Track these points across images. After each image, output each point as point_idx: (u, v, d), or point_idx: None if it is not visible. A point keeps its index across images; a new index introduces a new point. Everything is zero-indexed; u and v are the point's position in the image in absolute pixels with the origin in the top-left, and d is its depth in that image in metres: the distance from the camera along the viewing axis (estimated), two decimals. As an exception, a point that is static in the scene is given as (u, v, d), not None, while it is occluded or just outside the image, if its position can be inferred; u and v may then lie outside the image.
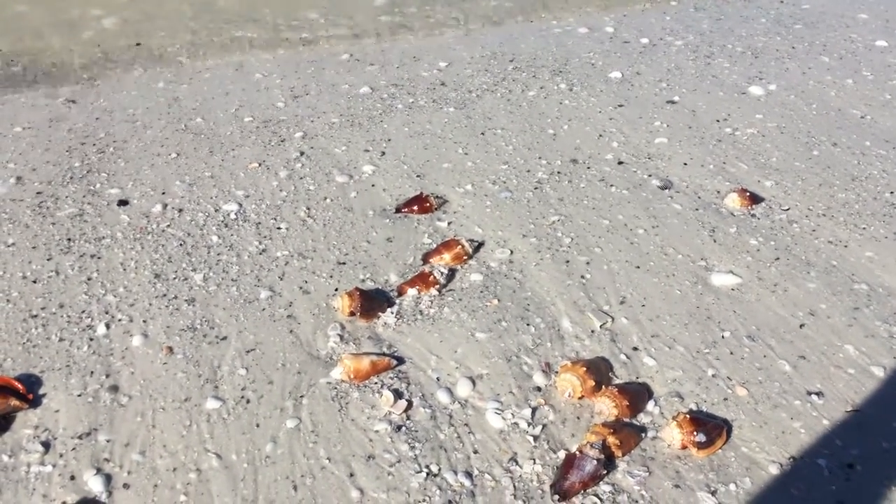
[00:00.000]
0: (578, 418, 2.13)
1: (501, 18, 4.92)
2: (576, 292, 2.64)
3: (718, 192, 3.25)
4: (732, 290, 2.66)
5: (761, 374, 2.28)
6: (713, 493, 1.90)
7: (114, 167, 3.39)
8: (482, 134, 3.71)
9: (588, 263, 2.79)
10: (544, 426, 2.10)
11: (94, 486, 1.89)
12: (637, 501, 1.88)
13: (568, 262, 2.80)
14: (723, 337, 2.43)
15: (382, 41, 4.61)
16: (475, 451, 2.02)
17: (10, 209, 3.08)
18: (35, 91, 4.08)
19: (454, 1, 5.16)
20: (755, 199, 3.18)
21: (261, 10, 5.00)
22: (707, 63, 4.34)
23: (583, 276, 2.72)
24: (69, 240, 2.89)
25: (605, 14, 4.93)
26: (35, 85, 4.15)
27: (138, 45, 4.57)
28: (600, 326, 2.48)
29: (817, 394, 2.22)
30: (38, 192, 3.20)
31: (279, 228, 2.99)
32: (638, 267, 2.78)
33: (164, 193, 3.20)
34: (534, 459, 1.99)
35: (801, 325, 2.49)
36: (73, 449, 2.00)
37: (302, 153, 3.53)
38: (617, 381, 2.26)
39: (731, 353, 2.36)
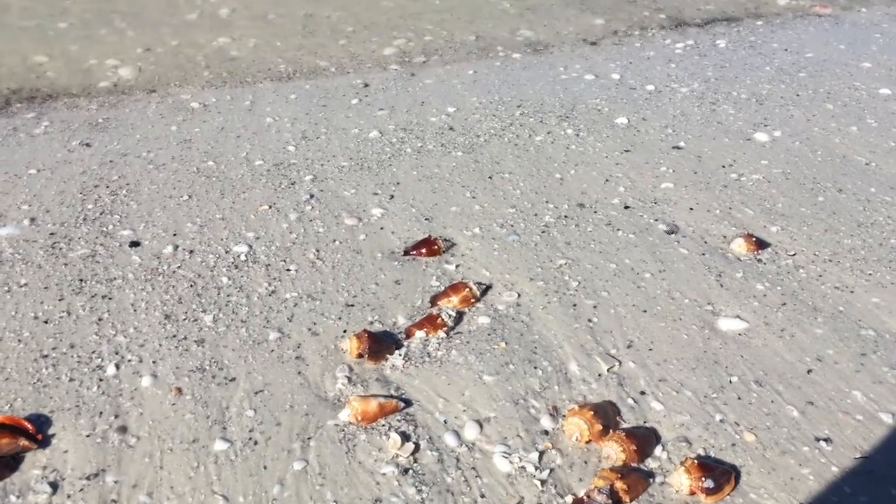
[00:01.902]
0: (586, 462, 2.13)
1: (508, 67, 5.01)
2: (583, 336, 2.65)
3: (725, 237, 3.28)
4: (740, 334, 2.67)
5: (769, 420, 2.28)
6: (722, 540, 1.89)
7: (126, 209, 3.44)
8: (490, 178, 3.76)
9: (595, 307, 2.81)
10: (552, 470, 2.09)
11: (101, 527, 1.89)
12: (645, 547, 1.87)
13: (575, 305, 2.82)
14: (730, 382, 2.43)
15: (392, 88, 4.69)
16: (482, 495, 2.01)
17: (24, 250, 3.12)
18: (51, 135, 4.15)
19: (462, 49, 5.25)
20: (761, 244, 3.20)
21: (273, 59, 5.10)
22: (712, 109, 4.39)
23: (590, 320, 2.73)
24: (81, 280, 2.92)
25: (611, 61, 5.01)
26: (51, 129, 4.22)
27: (153, 91, 4.66)
28: (608, 370, 2.49)
29: (826, 440, 2.21)
30: (51, 234, 3.24)
31: (288, 270, 3.01)
32: (645, 311, 2.79)
33: (175, 235, 3.24)
34: (541, 503, 1.98)
35: (809, 371, 2.49)
36: (81, 490, 2.00)
37: (312, 196, 3.57)
38: (624, 426, 2.26)
39: (739, 398, 2.36)
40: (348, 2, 6.01)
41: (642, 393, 2.39)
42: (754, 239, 3.20)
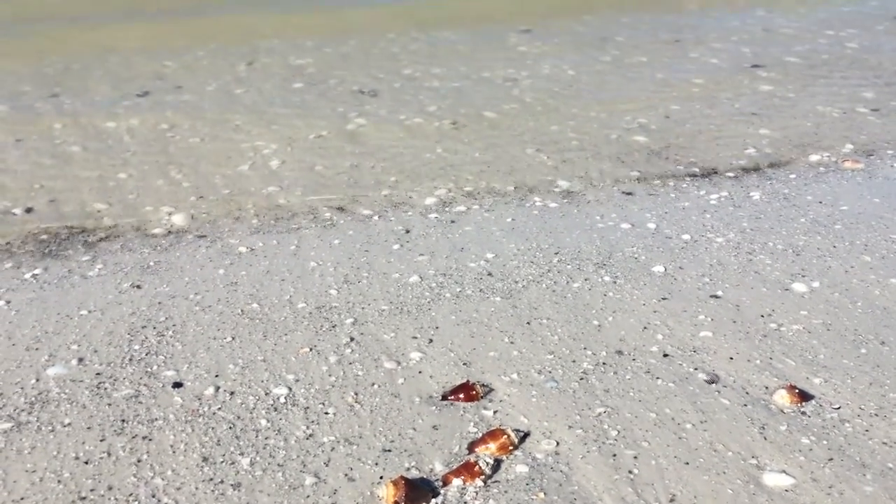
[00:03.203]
0: None
1: (546, 215, 5.15)
2: (624, 488, 2.59)
3: (767, 387, 3.24)
4: (786, 490, 2.59)
5: (822, 583, 2.18)
6: None
7: (171, 350, 3.52)
8: (528, 323, 3.79)
9: (636, 458, 2.76)
10: None
11: None
12: None
13: (615, 455, 2.77)
14: (779, 540, 2.34)
15: (432, 234, 4.83)
16: None
17: (70, 390, 3.19)
18: (104, 277, 4.32)
19: (501, 198, 5.42)
20: (805, 396, 3.15)
21: (319, 207, 5.32)
22: (749, 259, 4.44)
23: (630, 471, 2.68)
24: (123, 421, 2.96)
25: (646, 211, 5.13)
26: (104, 271, 4.39)
27: (203, 236, 4.86)
28: (650, 525, 2.42)
29: None
30: (97, 373, 3.32)
31: (327, 413, 3.03)
32: (687, 463, 2.73)
33: (217, 376, 3.30)
34: None
35: (861, 530, 2.39)
36: None
37: (352, 339, 3.63)
38: (669, 585, 2.17)
39: (789, 559, 2.27)
40: (392, 154, 6.30)
41: (686, 550, 2.31)
42: (797, 391, 3.16)
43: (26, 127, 6.89)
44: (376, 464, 2.72)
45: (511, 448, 2.80)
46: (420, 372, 3.36)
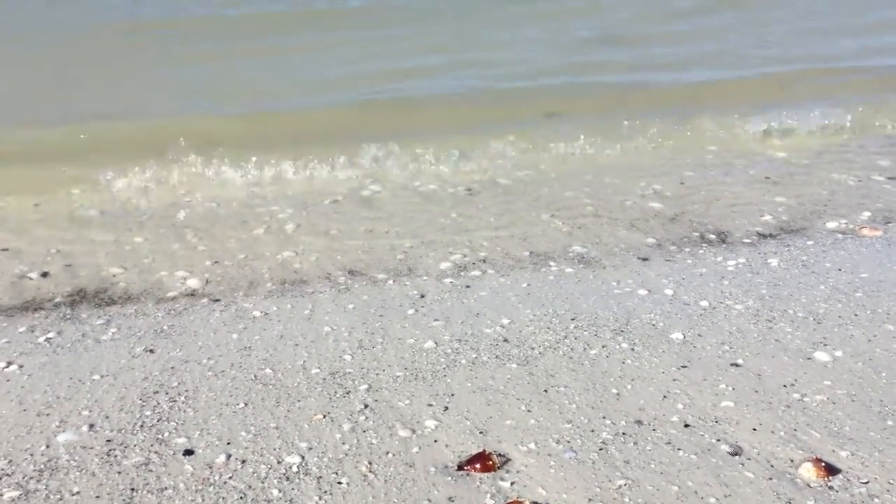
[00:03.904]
0: None
1: (561, 280, 5.12)
2: (647, 565, 2.50)
3: (792, 460, 3.14)
4: (817, 569, 2.49)
5: None
6: None
7: (183, 416, 3.47)
8: (545, 391, 3.73)
9: (659, 533, 2.67)
10: None
11: None
12: None
13: (637, 531, 2.68)
14: None
15: (447, 299, 4.80)
16: None
17: (80, 457, 3.14)
18: (117, 341, 4.30)
19: (516, 264, 5.40)
20: (831, 469, 3.06)
21: (334, 271, 5.32)
22: (769, 327, 4.37)
23: (654, 548, 2.59)
24: (132, 490, 2.91)
25: (663, 277, 5.09)
26: (118, 335, 4.38)
27: (217, 300, 4.85)
28: None
29: None
30: (108, 440, 3.27)
31: (340, 483, 2.96)
32: (712, 539, 2.64)
33: (228, 444, 3.24)
34: None
35: None
36: None
37: (366, 406, 3.57)
38: None
39: None
40: (407, 219, 6.32)
41: None
42: (823, 464, 3.06)
43: (44, 192, 6.97)
44: (390, 537, 2.65)
45: (529, 522, 2.72)
46: (435, 441, 3.29)
